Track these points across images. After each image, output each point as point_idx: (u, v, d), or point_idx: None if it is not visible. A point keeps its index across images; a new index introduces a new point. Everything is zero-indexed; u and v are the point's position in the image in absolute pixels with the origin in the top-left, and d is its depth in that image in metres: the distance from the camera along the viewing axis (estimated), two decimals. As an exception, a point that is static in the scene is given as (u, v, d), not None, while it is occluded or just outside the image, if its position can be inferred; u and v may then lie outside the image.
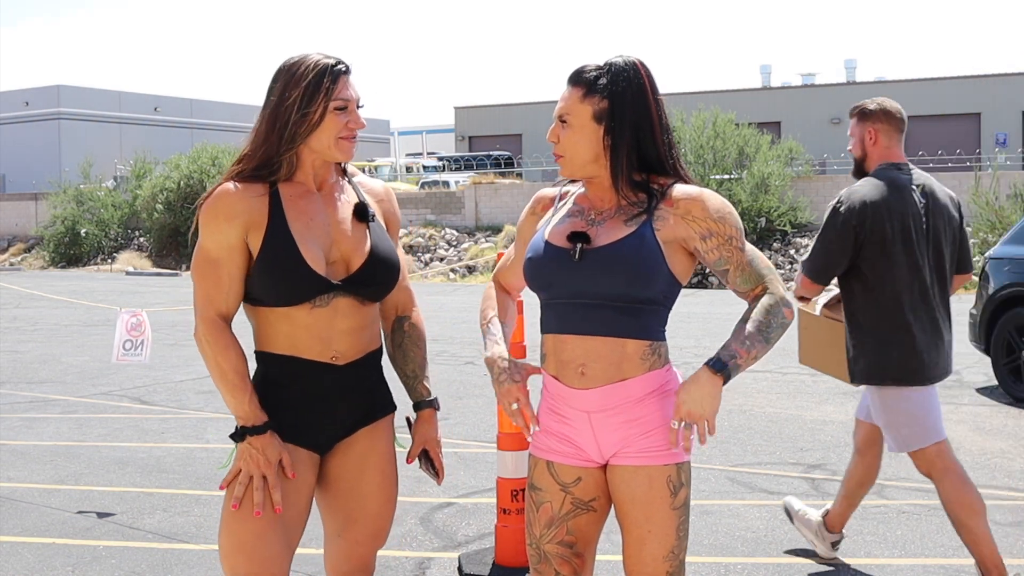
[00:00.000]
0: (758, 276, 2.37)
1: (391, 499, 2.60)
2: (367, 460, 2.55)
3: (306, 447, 2.49)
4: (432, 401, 2.70)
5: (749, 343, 2.27)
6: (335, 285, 2.43)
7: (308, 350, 2.45)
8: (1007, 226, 18.80)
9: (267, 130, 2.44)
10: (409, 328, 2.69)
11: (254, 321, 2.51)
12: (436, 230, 28.16)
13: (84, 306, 16.46)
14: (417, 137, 49.11)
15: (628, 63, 2.36)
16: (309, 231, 2.44)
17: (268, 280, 2.40)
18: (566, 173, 2.44)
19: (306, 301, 2.41)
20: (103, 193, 34.70)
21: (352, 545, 2.56)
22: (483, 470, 5.95)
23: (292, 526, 2.43)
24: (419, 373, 2.69)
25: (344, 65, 2.48)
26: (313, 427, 2.49)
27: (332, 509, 2.57)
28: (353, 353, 2.50)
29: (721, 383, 2.22)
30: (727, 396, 8.42)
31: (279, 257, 2.39)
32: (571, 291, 2.35)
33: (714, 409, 2.22)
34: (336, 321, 2.45)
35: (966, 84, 36.81)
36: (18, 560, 4.48)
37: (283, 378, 2.47)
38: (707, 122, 25.12)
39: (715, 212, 2.33)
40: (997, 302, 8.48)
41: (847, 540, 4.62)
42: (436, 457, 2.68)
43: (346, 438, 2.54)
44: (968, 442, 6.68)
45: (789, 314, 2.34)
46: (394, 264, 2.55)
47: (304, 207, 2.46)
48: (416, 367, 2.69)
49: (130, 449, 6.62)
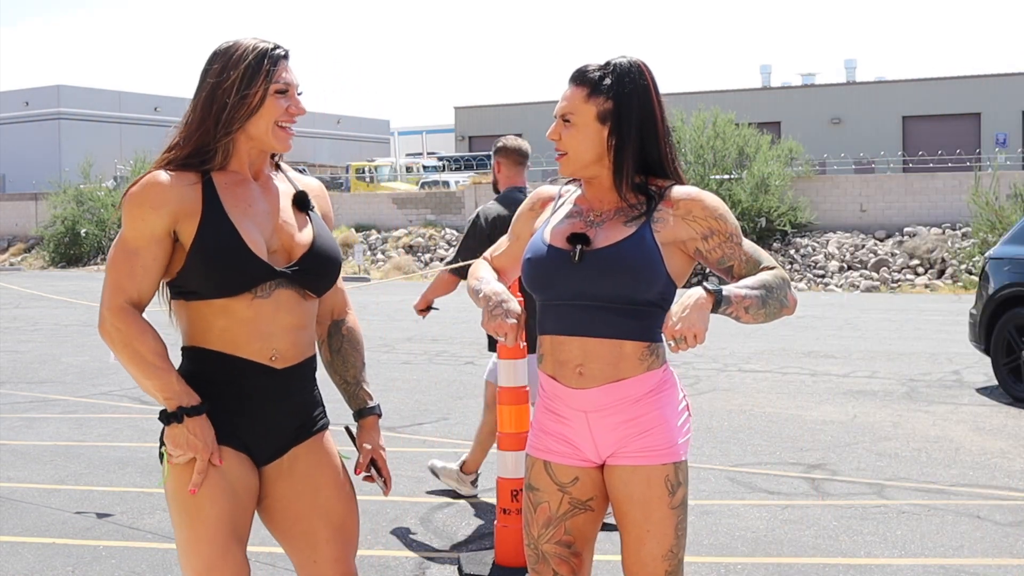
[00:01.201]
0: (764, 260, 2.38)
1: (353, 508, 2.48)
2: (317, 476, 2.42)
3: (241, 450, 2.35)
4: (375, 408, 2.57)
5: (748, 291, 2.25)
6: (279, 272, 2.32)
7: (246, 347, 2.31)
8: (1007, 226, 18.80)
9: (202, 115, 2.33)
10: (347, 332, 2.56)
11: (184, 319, 2.37)
12: (436, 230, 28.16)
13: (84, 306, 16.45)
14: (417, 137, 49.12)
15: (632, 64, 2.36)
16: (248, 218, 2.32)
17: (207, 268, 2.27)
18: (566, 172, 2.43)
19: (248, 290, 2.29)
20: (103, 193, 34.68)
21: (331, 564, 2.42)
22: (483, 470, 5.94)
23: (245, 534, 2.35)
24: (360, 378, 2.56)
25: (283, 49, 2.39)
26: (248, 431, 2.35)
27: (295, 536, 2.42)
28: (292, 356, 2.37)
29: (711, 304, 2.19)
30: (727, 396, 8.43)
31: (219, 243, 2.26)
32: (571, 292, 2.35)
33: (704, 324, 2.18)
34: (278, 315, 2.33)
35: (966, 84, 36.80)
36: (18, 560, 4.48)
37: (217, 376, 2.33)
38: (707, 122, 25.11)
39: (715, 211, 2.34)
40: (997, 302, 8.48)
41: (847, 540, 4.63)
42: (384, 466, 2.54)
43: (284, 457, 2.41)
44: (968, 442, 6.68)
45: (792, 300, 2.34)
46: (336, 256, 2.45)
47: (241, 195, 2.35)
48: (356, 372, 2.56)
49: (130, 449, 6.62)
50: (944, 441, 6.71)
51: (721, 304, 2.20)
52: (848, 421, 7.38)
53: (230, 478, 2.32)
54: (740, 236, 2.37)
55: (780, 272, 2.36)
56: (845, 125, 37.72)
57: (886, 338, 12.43)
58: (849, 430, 7.07)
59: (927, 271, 21.70)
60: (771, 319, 2.32)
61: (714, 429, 7.13)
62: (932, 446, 6.56)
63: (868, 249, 22.87)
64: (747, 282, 2.28)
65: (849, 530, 4.79)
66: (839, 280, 21.99)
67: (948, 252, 21.58)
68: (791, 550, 4.54)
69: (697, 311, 2.17)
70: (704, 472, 5.87)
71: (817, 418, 7.51)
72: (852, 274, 22.11)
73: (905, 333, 13.01)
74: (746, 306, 2.24)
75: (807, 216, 24.00)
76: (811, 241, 23.69)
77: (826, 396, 8.42)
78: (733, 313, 2.24)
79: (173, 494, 2.33)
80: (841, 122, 37.86)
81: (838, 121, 37.85)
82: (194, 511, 2.28)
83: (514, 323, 2.31)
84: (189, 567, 2.30)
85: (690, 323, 2.16)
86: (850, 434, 6.94)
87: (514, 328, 2.30)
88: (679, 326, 2.16)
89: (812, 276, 22.41)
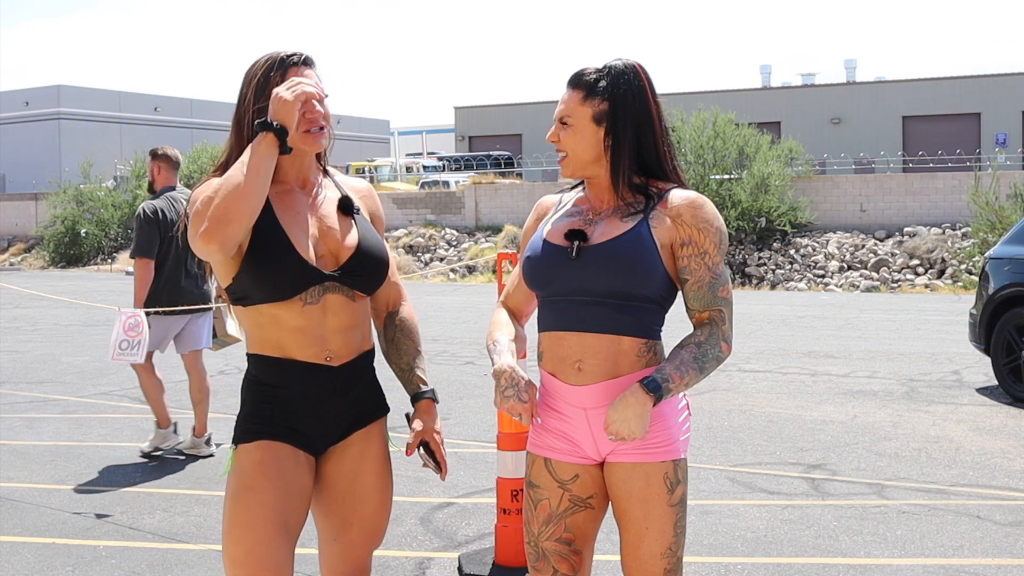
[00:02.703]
0: (710, 300, 2.36)
1: (387, 501, 2.58)
2: (362, 463, 2.53)
3: (302, 449, 2.46)
4: (429, 392, 2.63)
5: (684, 370, 2.28)
6: (327, 275, 2.40)
7: (301, 352, 2.42)
8: (1007, 226, 18.81)
9: (236, 135, 2.45)
10: (400, 322, 2.66)
11: (245, 326, 2.48)
12: (436, 230, 28.16)
13: (84, 306, 16.46)
14: (417, 137, 49.08)
15: (627, 66, 2.38)
16: (296, 225, 2.42)
17: (259, 271, 2.36)
18: (567, 173, 2.45)
19: (297, 294, 2.38)
20: (103, 193, 34.69)
21: (348, 548, 2.54)
22: (483, 470, 5.95)
23: (294, 530, 2.41)
24: (413, 365, 2.65)
25: (297, 56, 2.43)
26: (308, 429, 2.46)
27: (327, 513, 2.54)
28: (347, 353, 2.47)
29: (651, 404, 2.23)
30: (727, 396, 8.43)
31: (269, 248, 2.36)
32: (569, 288, 2.36)
33: (643, 429, 2.22)
34: (328, 319, 2.42)
35: (966, 84, 36.81)
36: (18, 560, 4.48)
37: (276, 379, 2.44)
38: (707, 122, 25.11)
39: (702, 222, 2.34)
40: (997, 302, 8.49)
41: (847, 540, 4.63)
42: (437, 449, 2.61)
43: (340, 441, 2.52)
44: (968, 442, 6.68)
45: (727, 349, 2.36)
46: (383, 256, 2.53)
47: (289, 203, 2.45)
48: (410, 359, 2.65)
49: (130, 449, 6.62)
50: (944, 441, 6.71)
51: (662, 399, 2.25)
52: (848, 421, 7.39)
53: (285, 474, 2.40)
54: (716, 257, 2.35)
55: (718, 323, 2.35)
56: (845, 125, 37.74)
57: (886, 338, 12.43)
58: (849, 430, 7.07)
59: (927, 271, 21.70)
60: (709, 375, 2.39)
61: (714, 429, 7.13)
62: (932, 446, 6.56)
63: (868, 249, 22.87)
64: (683, 354, 2.30)
65: (849, 530, 4.79)
66: (839, 280, 21.99)
67: (948, 252, 21.58)
68: (791, 550, 4.54)
69: (636, 416, 2.22)
70: (704, 472, 5.87)
71: (817, 418, 7.51)
72: (852, 274, 22.11)
73: (905, 333, 13.01)
74: (686, 383, 2.29)
75: (807, 216, 24.01)
76: (811, 241, 23.69)
77: (826, 396, 8.42)
78: (675, 395, 2.29)
79: (229, 483, 2.41)
80: (841, 122, 37.86)
81: (838, 121, 37.86)
82: (242, 497, 2.36)
83: (527, 403, 2.32)
84: (227, 554, 2.35)
85: (627, 431, 2.22)
86: (850, 434, 6.94)
87: (527, 408, 2.32)
88: (617, 432, 2.23)
89: (812, 276, 22.41)
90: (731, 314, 2.39)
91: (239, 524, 2.34)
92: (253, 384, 2.47)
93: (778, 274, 22.76)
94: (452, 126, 46.43)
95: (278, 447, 2.42)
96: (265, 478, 2.38)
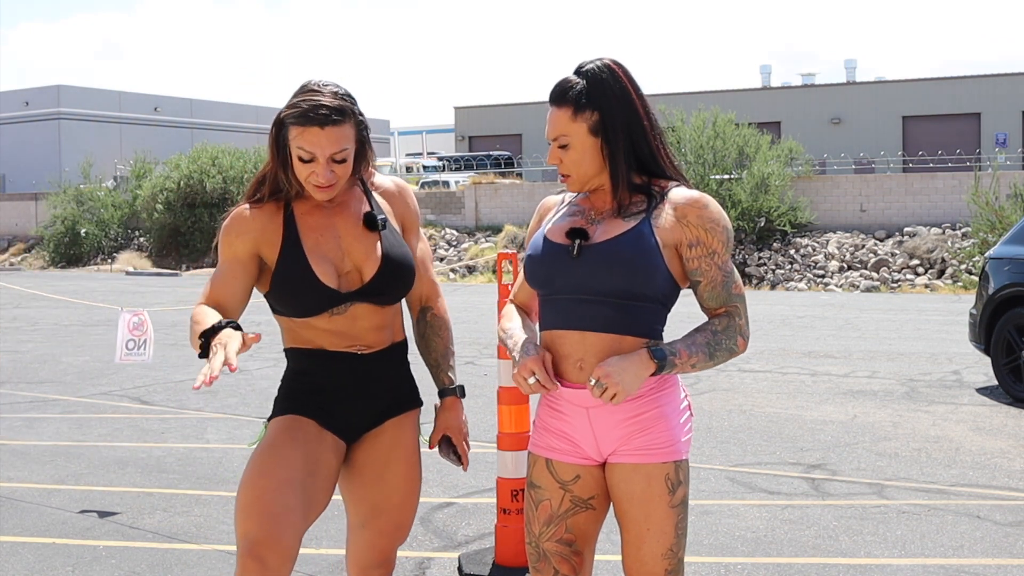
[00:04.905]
0: (726, 298, 2.37)
1: (415, 492, 2.64)
2: (394, 451, 2.61)
3: (333, 431, 2.55)
4: (455, 389, 2.73)
5: (694, 349, 2.29)
6: (347, 297, 2.50)
7: (333, 347, 2.55)
8: (1007, 226, 18.81)
9: (271, 154, 2.52)
10: (432, 318, 2.74)
11: (280, 324, 2.62)
12: (436, 230, 28.16)
13: (84, 306, 16.46)
14: (417, 137, 49.07)
15: (603, 66, 2.36)
16: (320, 246, 2.51)
17: (283, 295, 2.51)
18: (575, 190, 2.43)
19: (322, 313, 2.50)
20: (103, 193, 34.72)
21: (375, 536, 2.60)
22: (483, 470, 5.94)
23: (312, 497, 2.43)
24: (441, 362, 2.73)
25: (324, 113, 2.37)
26: (340, 413, 2.56)
27: (357, 498, 2.61)
28: (378, 344, 2.58)
29: (651, 370, 2.24)
30: (727, 396, 8.43)
31: (291, 273, 2.47)
32: (570, 287, 2.35)
33: (633, 386, 2.22)
34: (357, 323, 2.54)
35: (966, 84, 36.80)
36: (18, 560, 4.47)
37: (311, 368, 2.56)
38: (707, 122, 25.11)
39: (708, 222, 2.33)
40: (997, 302, 8.48)
41: (846, 540, 4.63)
42: (459, 444, 2.71)
43: (373, 428, 2.61)
44: (968, 442, 6.69)
45: (743, 345, 2.36)
46: (408, 269, 2.59)
47: (315, 222, 2.53)
48: (438, 356, 2.73)
49: (130, 449, 6.62)
50: (944, 441, 6.71)
51: (664, 370, 2.25)
52: (848, 421, 7.39)
53: (309, 443, 2.48)
54: (724, 256, 2.35)
55: (735, 316, 2.36)
56: (845, 125, 37.73)
57: (886, 338, 12.43)
58: (849, 430, 7.07)
59: (927, 271, 21.70)
60: (718, 364, 2.37)
61: (714, 429, 7.13)
62: (932, 446, 6.56)
63: (868, 249, 22.88)
64: (697, 337, 2.30)
65: (849, 530, 4.79)
66: (839, 280, 22.00)
67: (948, 252, 21.58)
68: (791, 550, 4.54)
69: (633, 375, 2.22)
70: (704, 472, 5.87)
71: (817, 418, 7.51)
72: (852, 274, 22.12)
73: (905, 333, 13.01)
74: (692, 363, 2.29)
75: (807, 216, 24.01)
76: (811, 241, 23.70)
77: (826, 396, 8.42)
78: (678, 371, 2.29)
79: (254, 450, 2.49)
80: (841, 122, 37.85)
81: (838, 121, 37.85)
82: (263, 451, 2.44)
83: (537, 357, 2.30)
84: (237, 503, 2.38)
85: (619, 381, 2.20)
86: (850, 434, 6.94)
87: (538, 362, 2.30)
88: (609, 376, 2.20)
89: (812, 276, 22.42)
90: (746, 309, 2.40)
91: (255, 473, 2.40)
92: (289, 373, 2.61)
93: (778, 274, 22.77)
94: (452, 126, 46.40)
95: (306, 421, 2.52)
96: (289, 439, 2.46)
